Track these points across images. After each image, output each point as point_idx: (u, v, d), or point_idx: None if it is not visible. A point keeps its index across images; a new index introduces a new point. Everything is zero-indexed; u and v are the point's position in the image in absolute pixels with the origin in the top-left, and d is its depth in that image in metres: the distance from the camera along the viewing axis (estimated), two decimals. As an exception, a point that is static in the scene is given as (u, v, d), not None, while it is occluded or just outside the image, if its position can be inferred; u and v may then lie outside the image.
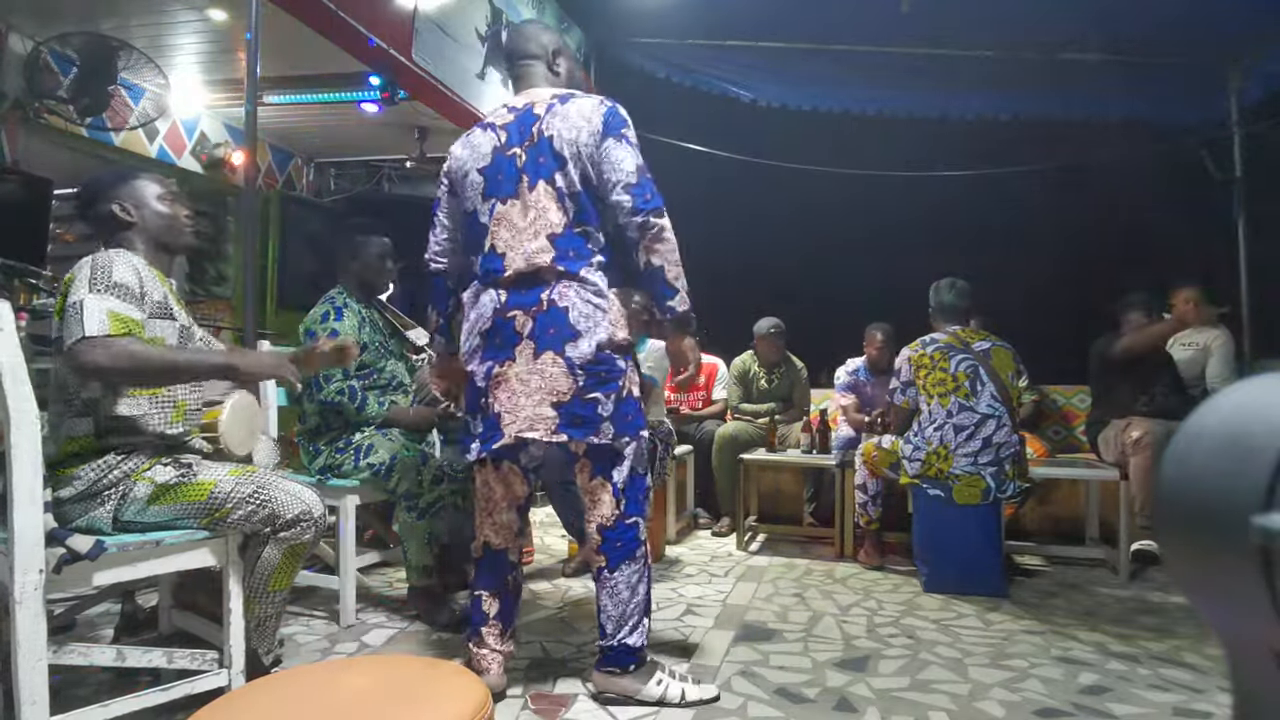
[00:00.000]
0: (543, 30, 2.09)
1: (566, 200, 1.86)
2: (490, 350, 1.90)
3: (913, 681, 2.05)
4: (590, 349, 1.82)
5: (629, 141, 1.86)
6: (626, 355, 1.91)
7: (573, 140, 1.84)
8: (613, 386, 1.85)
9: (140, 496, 1.68)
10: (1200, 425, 0.58)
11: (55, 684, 1.50)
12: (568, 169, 1.85)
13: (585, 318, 1.83)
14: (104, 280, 1.65)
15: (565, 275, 1.84)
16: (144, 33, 3.42)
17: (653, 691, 1.88)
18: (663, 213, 1.83)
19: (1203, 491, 0.55)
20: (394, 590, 2.87)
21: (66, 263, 1.90)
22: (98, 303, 1.61)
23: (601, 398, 1.83)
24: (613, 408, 1.84)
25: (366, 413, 2.57)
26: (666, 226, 1.83)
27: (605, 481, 1.89)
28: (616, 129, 1.85)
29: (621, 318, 1.89)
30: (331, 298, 2.69)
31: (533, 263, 1.85)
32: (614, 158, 1.83)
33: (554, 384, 1.82)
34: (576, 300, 1.83)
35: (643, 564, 1.91)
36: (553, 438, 1.82)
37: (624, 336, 1.88)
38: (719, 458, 4.00)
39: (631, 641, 1.88)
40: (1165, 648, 2.32)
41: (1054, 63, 4.54)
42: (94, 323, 1.58)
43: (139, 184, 1.84)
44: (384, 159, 5.40)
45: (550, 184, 1.86)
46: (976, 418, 2.93)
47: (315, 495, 1.82)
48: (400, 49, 3.33)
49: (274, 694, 1.12)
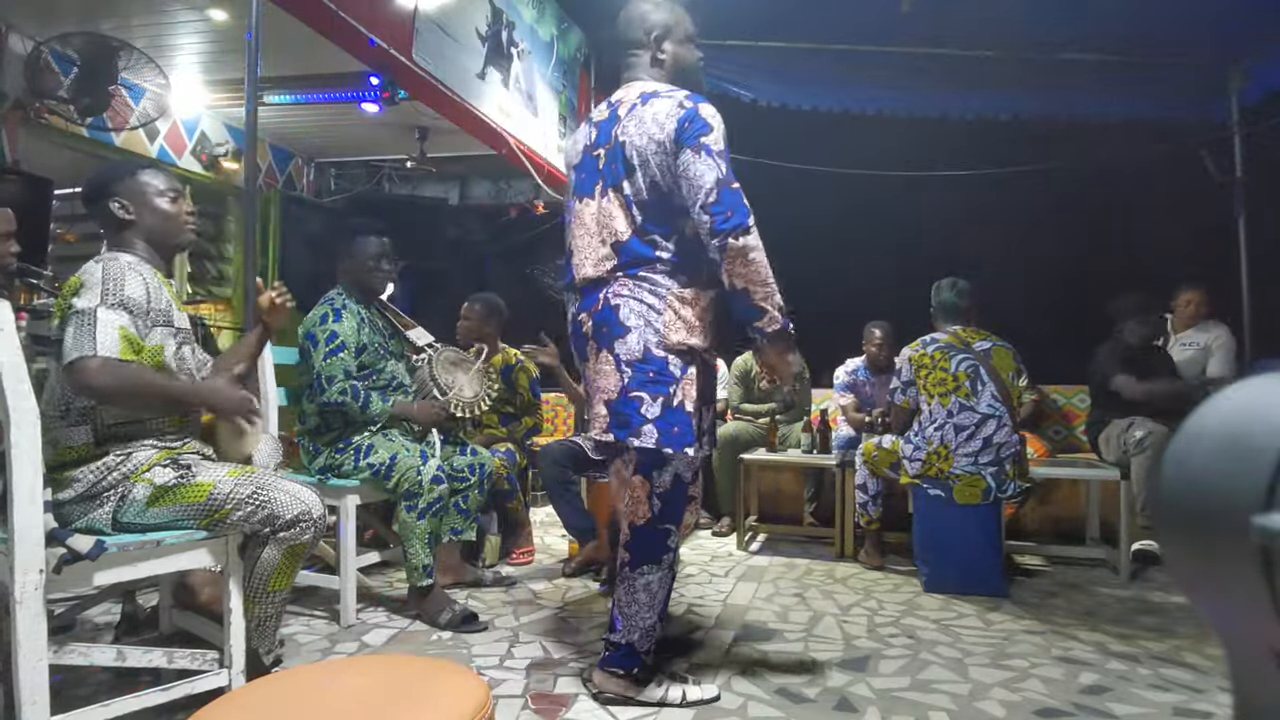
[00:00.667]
0: (652, 9, 1.94)
1: (634, 209, 1.82)
2: (580, 357, 1.96)
3: (913, 681, 2.05)
4: (638, 347, 1.78)
5: (709, 151, 1.73)
6: (689, 361, 1.82)
7: (642, 148, 1.79)
8: (660, 390, 1.78)
9: (139, 498, 1.68)
10: (1200, 425, 0.58)
11: (56, 684, 1.50)
12: (635, 177, 1.81)
13: (636, 315, 1.79)
14: (116, 293, 1.65)
15: (625, 275, 1.83)
16: (144, 33, 3.42)
17: (653, 694, 1.87)
18: (743, 230, 1.71)
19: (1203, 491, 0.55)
20: (394, 590, 2.87)
21: (67, 263, 1.90)
22: (111, 318, 1.61)
23: (646, 398, 1.78)
24: (658, 411, 1.78)
25: (371, 411, 2.57)
26: (750, 246, 1.71)
27: (646, 481, 1.85)
28: (693, 137, 1.74)
29: (680, 320, 1.80)
30: (331, 298, 2.69)
31: (599, 270, 1.85)
32: (692, 173, 1.74)
33: (606, 382, 1.82)
34: (629, 298, 1.81)
35: (666, 571, 1.87)
36: (604, 437, 1.84)
37: (680, 339, 1.79)
38: (719, 458, 4.00)
39: (638, 644, 1.86)
40: (1166, 648, 2.32)
41: (1054, 63, 4.53)
42: (106, 342, 1.58)
43: (140, 181, 1.83)
44: (384, 159, 5.40)
45: (619, 191, 1.83)
46: (977, 417, 2.93)
47: (315, 495, 1.82)
48: (400, 49, 3.33)
49: (274, 694, 1.12)
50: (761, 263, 1.73)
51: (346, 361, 2.58)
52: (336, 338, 2.58)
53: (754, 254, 1.72)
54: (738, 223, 1.71)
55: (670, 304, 1.80)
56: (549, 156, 4.83)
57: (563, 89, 5.04)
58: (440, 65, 3.60)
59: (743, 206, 1.73)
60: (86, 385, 1.59)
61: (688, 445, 1.79)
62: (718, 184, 1.72)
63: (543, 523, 4.03)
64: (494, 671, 2.10)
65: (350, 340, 2.60)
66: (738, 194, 1.73)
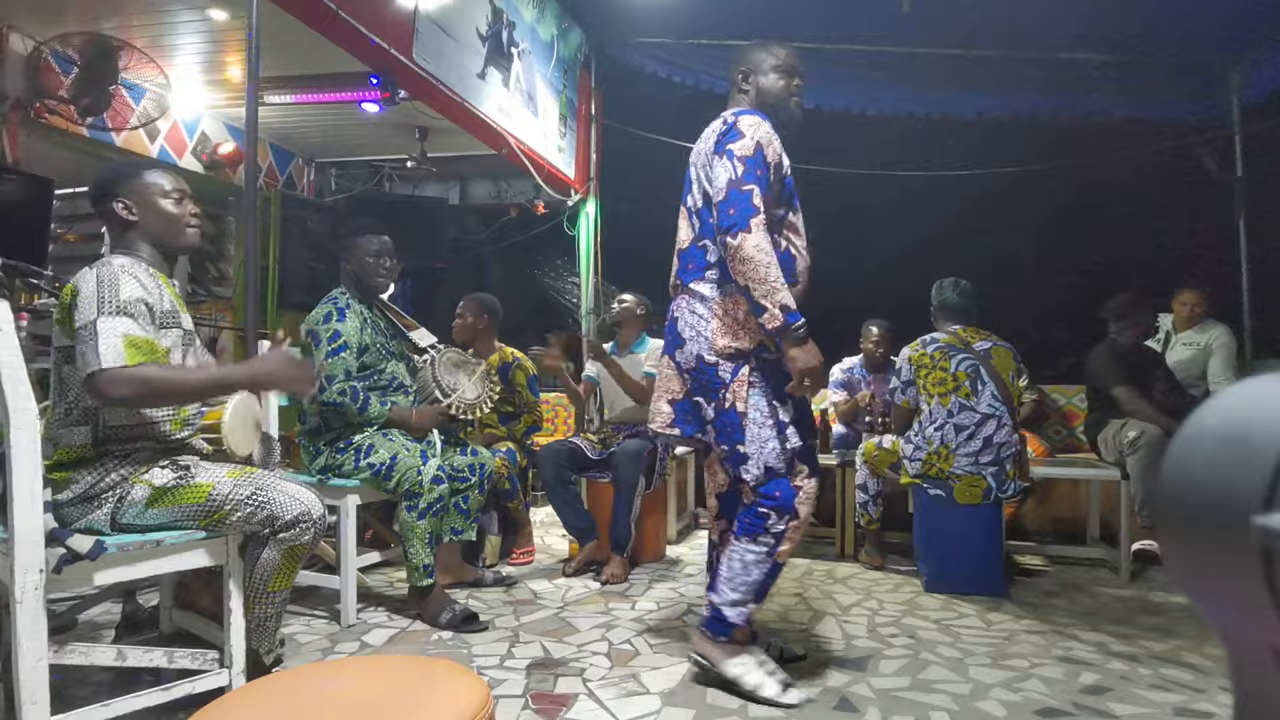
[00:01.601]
0: (746, 52, 2.12)
1: (694, 217, 2.01)
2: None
3: (913, 681, 2.05)
4: (691, 356, 1.96)
5: (730, 155, 1.86)
6: (738, 363, 1.92)
7: (694, 160, 2.01)
8: (713, 396, 1.94)
9: (138, 499, 1.68)
10: (1200, 425, 0.58)
11: (56, 683, 1.50)
12: (694, 190, 2.01)
13: (689, 327, 1.97)
14: (113, 300, 1.62)
15: (683, 288, 2.02)
16: (145, 32, 3.42)
17: (731, 670, 1.90)
18: (741, 228, 1.80)
19: (1203, 491, 0.55)
20: (394, 590, 2.87)
21: (67, 263, 1.91)
22: (110, 326, 1.59)
23: (703, 403, 1.96)
24: (713, 414, 1.94)
25: (368, 414, 2.57)
26: (745, 244, 1.79)
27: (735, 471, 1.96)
28: (723, 144, 1.89)
29: (725, 325, 1.92)
30: (334, 298, 2.69)
31: (673, 281, 2.07)
32: (713, 174, 1.90)
33: (670, 384, 2.04)
34: (685, 310, 1.99)
35: (765, 553, 1.91)
36: (667, 431, 2.03)
37: (726, 343, 1.91)
38: (719, 458, 3.99)
39: (729, 614, 1.92)
40: (1166, 648, 2.32)
41: (1054, 63, 4.54)
42: (110, 353, 1.57)
43: (145, 181, 1.81)
44: (385, 159, 5.40)
45: (684, 204, 2.05)
46: (977, 417, 2.93)
47: (314, 496, 1.82)
48: (401, 49, 3.33)
49: (274, 694, 1.12)
50: (759, 261, 1.79)
51: (348, 361, 2.58)
52: (339, 337, 2.58)
53: (751, 252, 1.79)
54: (735, 222, 1.81)
55: (715, 311, 1.94)
56: (549, 156, 4.83)
57: (563, 89, 5.04)
58: (440, 65, 3.60)
59: (747, 207, 1.81)
60: (106, 399, 1.59)
61: (739, 443, 1.91)
62: (728, 184, 1.84)
63: (543, 523, 4.03)
64: (494, 671, 2.10)
65: (353, 340, 2.60)
66: (745, 195, 1.82)
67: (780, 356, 1.91)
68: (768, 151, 1.89)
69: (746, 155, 1.85)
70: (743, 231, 1.80)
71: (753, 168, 1.85)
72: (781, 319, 1.80)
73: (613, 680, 2.05)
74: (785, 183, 1.97)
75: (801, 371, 1.85)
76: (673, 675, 2.08)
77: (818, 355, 1.85)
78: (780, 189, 1.95)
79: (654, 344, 3.49)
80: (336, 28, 2.98)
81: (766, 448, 1.90)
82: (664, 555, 3.48)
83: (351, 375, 2.59)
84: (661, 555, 3.47)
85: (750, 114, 1.95)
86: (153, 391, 1.62)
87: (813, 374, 1.85)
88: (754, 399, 1.91)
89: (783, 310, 1.80)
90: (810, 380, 1.85)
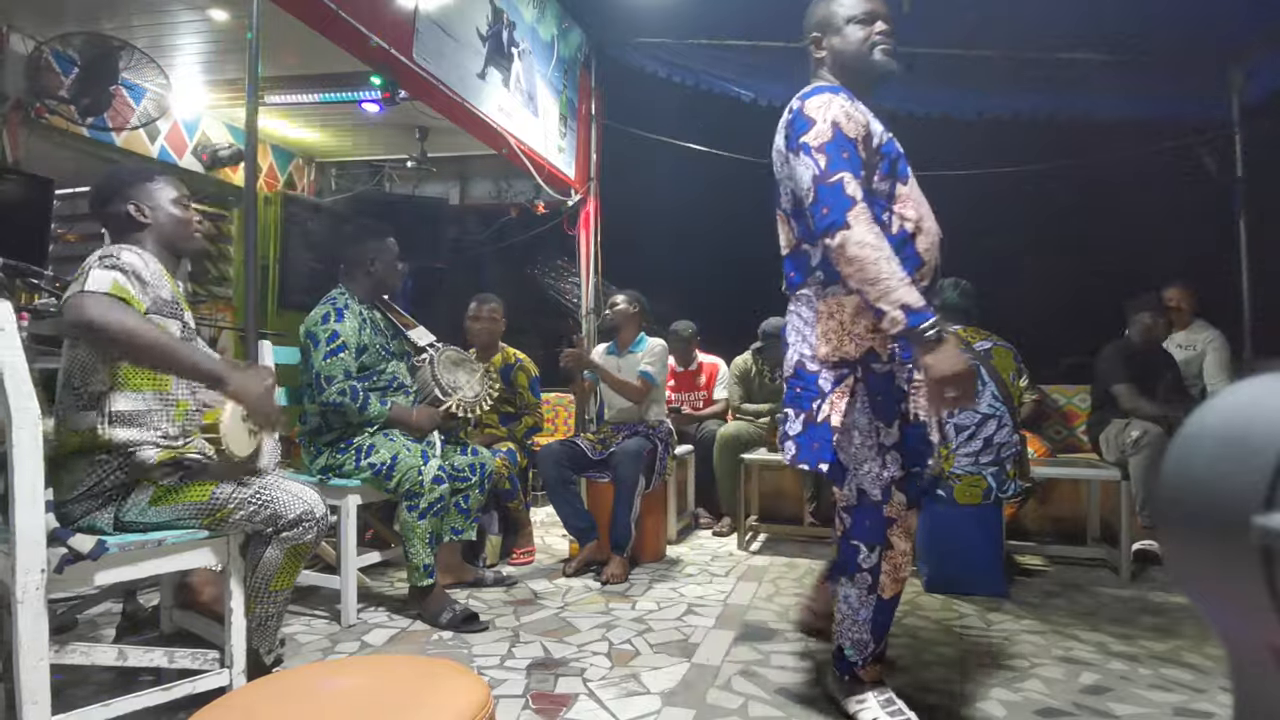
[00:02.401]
0: (811, 11, 1.87)
1: (791, 220, 1.82)
2: None
3: (914, 681, 2.05)
4: (792, 364, 1.80)
5: (806, 150, 1.65)
6: (841, 373, 1.70)
7: (774, 160, 1.82)
8: (803, 405, 1.74)
9: (141, 497, 1.69)
10: (1200, 425, 0.58)
11: (57, 683, 1.51)
12: (780, 191, 1.83)
13: (795, 332, 1.81)
14: (112, 260, 1.68)
15: (791, 295, 1.85)
16: (145, 33, 3.42)
17: (851, 707, 1.79)
18: (838, 226, 1.57)
19: (1203, 491, 0.55)
20: (395, 590, 2.87)
21: (68, 263, 1.91)
22: (103, 274, 1.64)
23: (790, 414, 1.78)
24: (799, 427, 1.74)
25: (368, 413, 2.57)
26: (847, 243, 1.56)
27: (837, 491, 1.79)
28: (795, 139, 1.69)
29: (828, 331, 1.72)
30: (333, 298, 2.69)
31: (785, 287, 1.88)
32: (796, 176, 1.69)
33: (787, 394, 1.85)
34: (794, 317, 1.83)
35: (864, 590, 1.74)
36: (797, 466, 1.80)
37: (830, 351, 1.72)
38: (720, 457, 4.00)
39: (847, 652, 1.79)
40: (1167, 648, 2.32)
41: (1054, 63, 4.53)
42: (95, 283, 1.61)
43: (155, 186, 1.87)
44: (385, 159, 5.40)
45: (779, 206, 1.86)
46: (977, 417, 2.93)
47: (317, 495, 1.83)
48: (401, 49, 3.33)
49: (275, 693, 1.12)
50: (865, 259, 1.55)
51: (347, 362, 2.58)
52: (338, 337, 2.58)
53: (854, 250, 1.56)
54: (831, 221, 1.58)
55: (820, 316, 1.75)
56: (549, 156, 4.83)
57: (563, 89, 5.04)
58: (441, 65, 3.60)
59: (840, 199, 1.59)
60: (77, 320, 1.57)
61: (823, 461, 1.69)
62: (814, 181, 1.63)
63: (543, 522, 4.03)
64: (494, 671, 2.10)
65: (351, 340, 2.60)
66: (835, 187, 1.59)
67: (892, 368, 1.70)
68: (848, 127, 1.65)
69: (825, 142, 1.63)
70: (841, 229, 1.56)
71: (836, 153, 1.62)
72: (904, 321, 1.53)
73: (613, 680, 2.05)
74: (883, 151, 1.73)
75: (938, 381, 1.53)
76: (673, 675, 2.08)
77: (958, 359, 1.52)
78: (878, 161, 1.72)
79: (651, 343, 3.49)
80: (336, 28, 2.98)
81: (862, 469, 1.71)
82: (664, 555, 3.48)
83: (351, 375, 2.59)
84: (662, 555, 3.47)
85: (816, 93, 1.72)
86: (123, 327, 1.57)
87: (956, 382, 1.53)
88: (854, 415, 1.70)
89: (905, 310, 1.53)
90: (955, 390, 1.53)
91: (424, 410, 2.71)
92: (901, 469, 1.71)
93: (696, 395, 4.47)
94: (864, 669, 1.78)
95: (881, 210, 1.71)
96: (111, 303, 1.59)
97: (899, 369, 1.73)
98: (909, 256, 1.69)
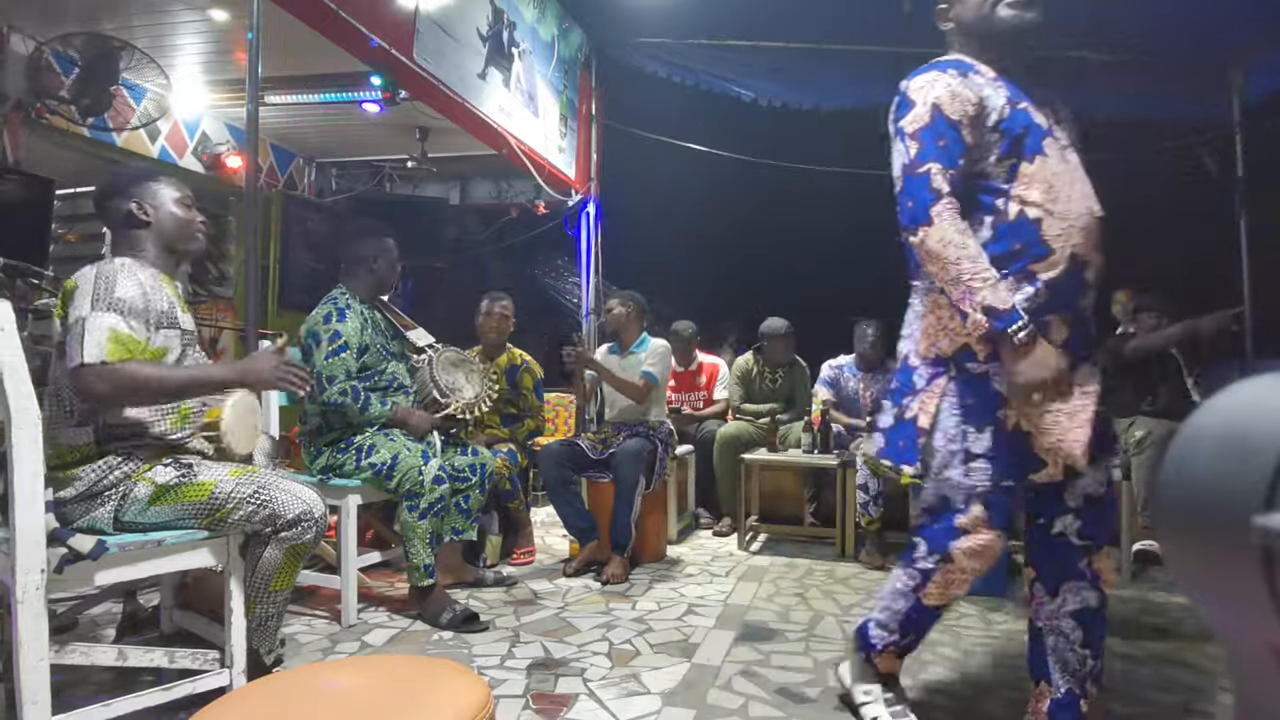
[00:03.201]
0: None
1: None
2: None
3: (914, 681, 2.05)
4: (900, 357, 1.73)
5: (901, 135, 1.57)
6: (936, 370, 1.61)
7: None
8: (897, 400, 1.68)
9: (141, 497, 1.69)
10: (1200, 425, 0.58)
11: (57, 683, 1.51)
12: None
13: (908, 324, 1.73)
14: (106, 296, 1.65)
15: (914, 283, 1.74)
16: (145, 33, 3.42)
17: (855, 694, 1.79)
18: (920, 221, 1.50)
19: (1203, 492, 0.55)
20: (395, 590, 2.87)
21: (68, 263, 1.91)
22: (98, 322, 1.62)
23: (886, 405, 1.71)
24: (890, 421, 1.68)
25: (369, 414, 2.57)
26: (928, 240, 1.49)
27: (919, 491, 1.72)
28: (896, 124, 1.61)
29: (931, 326, 1.63)
30: (334, 298, 2.69)
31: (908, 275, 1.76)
32: (892, 161, 1.61)
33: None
34: (909, 310, 1.74)
35: (910, 587, 1.67)
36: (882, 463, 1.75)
37: (928, 346, 1.64)
38: (720, 457, 4.00)
39: (870, 630, 1.76)
40: (1167, 648, 2.32)
41: (1054, 62, 4.53)
42: (93, 348, 1.59)
43: (158, 186, 1.87)
44: (385, 159, 5.40)
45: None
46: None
47: (316, 495, 1.83)
48: (401, 49, 3.33)
49: (275, 694, 1.12)
50: (946, 257, 1.48)
51: (348, 361, 2.58)
52: (340, 337, 2.58)
53: (935, 248, 1.49)
54: (913, 216, 1.52)
55: (929, 308, 1.65)
56: (549, 156, 4.83)
57: (563, 89, 5.04)
58: (441, 65, 3.61)
59: (924, 194, 1.50)
60: (87, 395, 1.62)
61: (906, 462, 1.62)
62: (903, 170, 1.55)
63: (543, 523, 4.03)
64: (495, 671, 2.10)
65: (353, 340, 2.60)
66: (922, 180, 1.51)
67: (989, 369, 1.56)
68: (950, 108, 1.54)
69: (920, 127, 1.54)
70: (923, 225, 1.50)
71: (930, 140, 1.52)
72: (986, 324, 1.45)
73: (613, 680, 2.05)
74: (1002, 128, 1.56)
75: (1022, 387, 1.46)
76: (673, 675, 2.08)
77: (1045, 365, 1.44)
78: (995, 140, 1.56)
79: (655, 344, 3.49)
80: (336, 28, 2.99)
81: (944, 474, 1.60)
82: (664, 555, 3.48)
83: (352, 375, 2.59)
84: (662, 555, 3.47)
85: (924, 71, 1.61)
86: (131, 388, 1.63)
87: (1041, 390, 1.45)
88: (942, 417, 1.59)
89: (987, 313, 1.44)
90: (1040, 397, 1.45)
91: (421, 414, 2.71)
92: (990, 480, 1.56)
93: (697, 395, 4.47)
94: (881, 655, 1.75)
95: (995, 195, 1.56)
96: (113, 372, 1.60)
97: (998, 371, 1.56)
98: (1031, 244, 1.53)
